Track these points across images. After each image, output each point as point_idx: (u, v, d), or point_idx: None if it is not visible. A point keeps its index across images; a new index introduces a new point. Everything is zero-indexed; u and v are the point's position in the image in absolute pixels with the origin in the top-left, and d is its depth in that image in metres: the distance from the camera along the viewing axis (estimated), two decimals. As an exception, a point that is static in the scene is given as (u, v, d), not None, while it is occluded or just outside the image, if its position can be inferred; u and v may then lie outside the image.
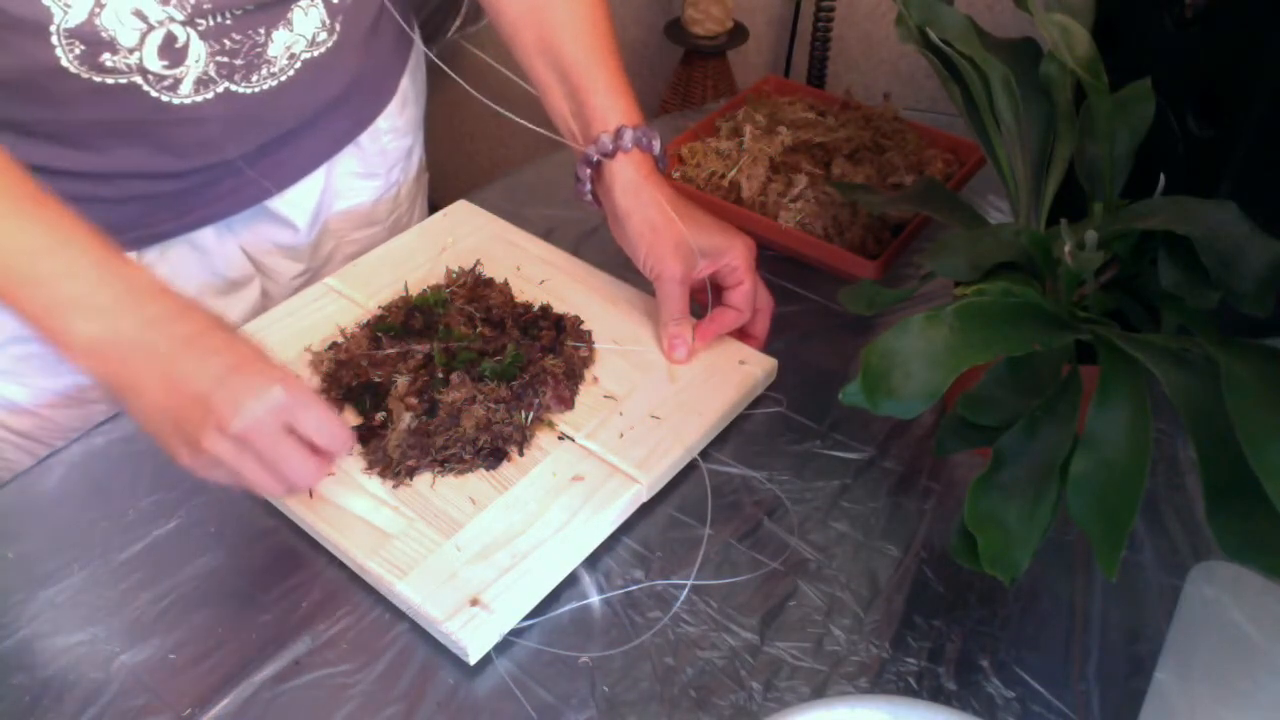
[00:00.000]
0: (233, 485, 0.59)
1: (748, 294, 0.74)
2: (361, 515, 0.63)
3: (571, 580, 0.63)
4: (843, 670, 0.59)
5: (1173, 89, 0.67)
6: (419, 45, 0.92)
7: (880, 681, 0.59)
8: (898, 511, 0.68)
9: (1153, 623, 0.62)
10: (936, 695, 0.58)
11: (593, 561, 0.64)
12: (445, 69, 0.82)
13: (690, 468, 0.70)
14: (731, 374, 0.74)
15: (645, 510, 0.68)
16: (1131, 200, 0.61)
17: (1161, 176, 0.60)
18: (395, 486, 0.65)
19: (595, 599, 0.63)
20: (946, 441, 0.62)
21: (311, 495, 0.64)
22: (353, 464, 0.67)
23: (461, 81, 0.80)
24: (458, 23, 1.62)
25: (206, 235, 0.82)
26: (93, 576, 0.62)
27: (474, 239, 0.85)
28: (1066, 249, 0.57)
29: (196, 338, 0.57)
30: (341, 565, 0.63)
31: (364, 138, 0.88)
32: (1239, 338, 0.51)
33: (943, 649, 0.61)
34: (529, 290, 0.80)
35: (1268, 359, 0.49)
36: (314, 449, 0.59)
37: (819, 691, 0.58)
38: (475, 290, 0.78)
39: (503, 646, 0.60)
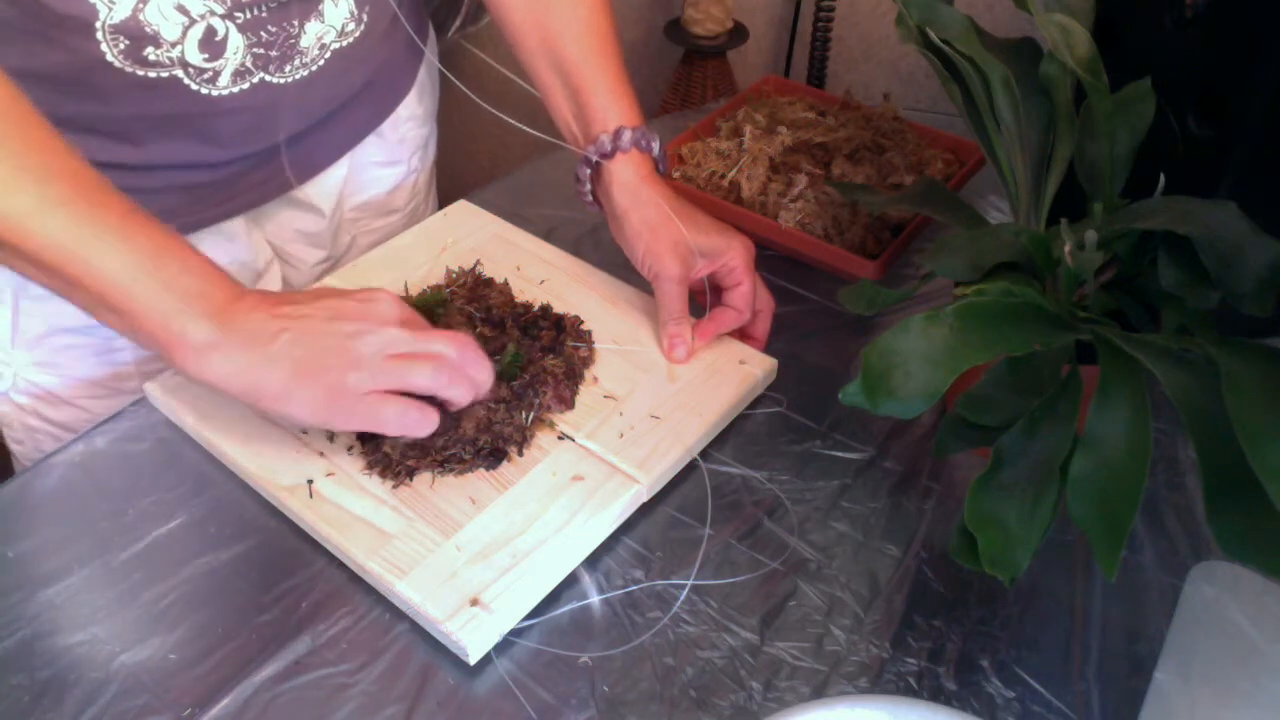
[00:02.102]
0: (425, 416, 0.61)
1: (747, 295, 0.75)
2: (361, 515, 0.63)
3: (571, 580, 0.63)
4: (843, 670, 0.59)
5: (1173, 89, 0.67)
6: (433, 37, 0.93)
7: (880, 681, 0.59)
8: (898, 511, 0.68)
9: (1153, 623, 0.62)
10: (936, 695, 0.58)
11: (593, 561, 0.64)
12: (449, 75, 0.83)
13: (690, 468, 0.70)
14: (731, 374, 0.74)
15: (645, 510, 0.68)
16: (1131, 200, 0.61)
17: (1161, 176, 0.60)
18: (395, 486, 0.65)
19: (595, 599, 0.63)
20: (946, 441, 0.62)
21: (310, 493, 0.65)
22: (352, 464, 0.67)
23: (462, 86, 0.80)
24: (458, 23, 1.62)
25: (236, 225, 0.83)
26: (93, 576, 0.62)
27: (474, 239, 0.85)
28: (1066, 249, 0.57)
29: (295, 321, 0.59)
30: (341, 565, 0.63)
31: (385, 126, 0.90)
32: (1239, 338, 0.51)
33: (943, 649, 0.61)
34: (529, 290, 0.80)
35: (1268, 359, 0.49)
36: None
37: (819, 691, 0.58)
38: (475, 290, 0.78)
39: (503, 646, 0.60)
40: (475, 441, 0.66)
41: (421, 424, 0.61)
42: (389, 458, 0.66)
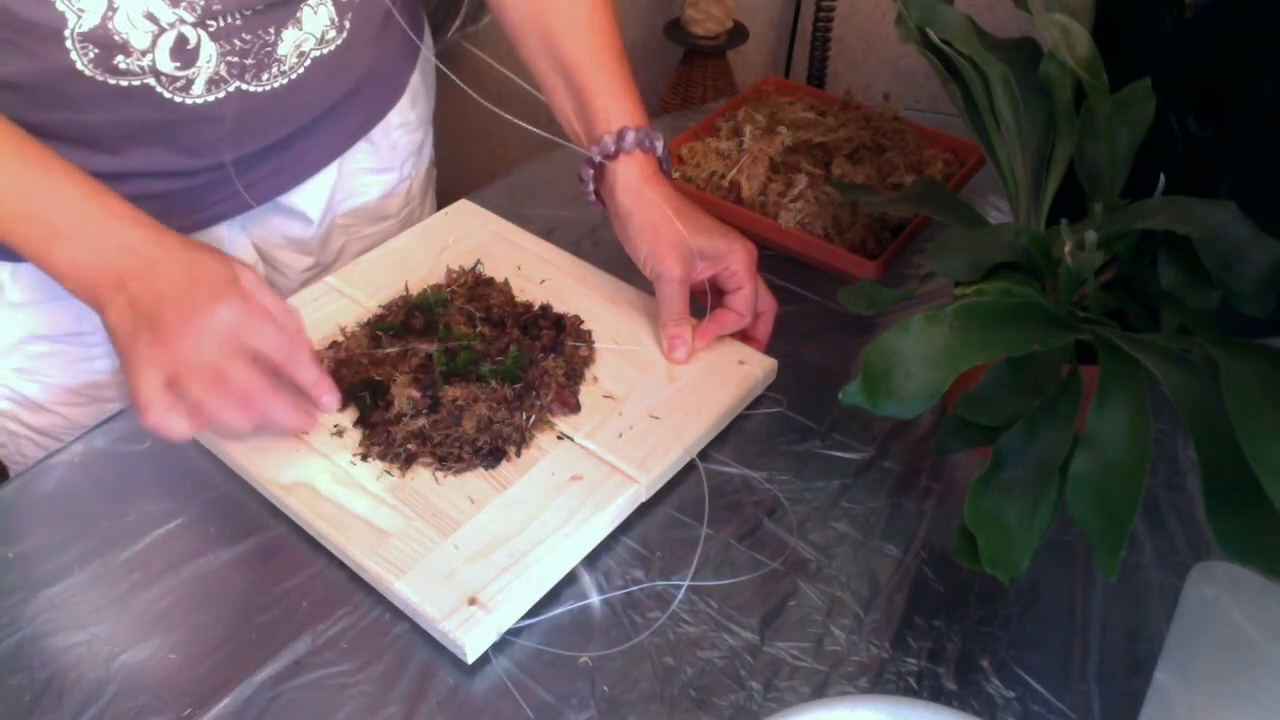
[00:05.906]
0: (196, 421, 0.59)
1: (748, 298, 0.74)
2: (360, 514, 0.63)
3: (571, 580, 0.63)
4: (843, 670, 0.59)
5: (1173, 89, 0.67)
6: (428, 40, 0.92)
7: (880, 681, 0.59)
8: (898, 511, 0.68)
9: (1153, 623, 0.62)
10: (936, 695, 0.58)
11: (592, 561, 0.64)
12: (449, 73, 0.82)
13: (690, 467, 0.70)
14: (731, 374, 0.74)
15: (645, 510, 0.68)
16: (1131, 200, 0.61)
17: (1161, 176, 0.60)
18: (395, 473, 0.65)
19: (595, 599, 0.63)
20: (946, 441, 0.62)
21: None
22: (351, 462, 0.66)
23: (461, 83, 0.80)
24: (458, 23, 1.62)
25: (219, 231, 0.82)
26: (93, 576, 0.62)
27: (475, 239, 0.85)
28: (1066, 249, 0.57)
29: (165, 256, 0.60)
30: (341, 565, 0.63)
31: (375, 132, 0.89)
32: (1239, 338, 0.51)
33: (943, 649, 0.61)
34: (529, 290, 0.80)
35: (1268, 359, 0.49)
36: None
37: (819, 691, 0.58)
38: (475, 290, 0.78)
39: (503, 646, 0.60)
40: (475, 441, 0.66)
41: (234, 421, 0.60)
42: (392, 438, 0.66)
